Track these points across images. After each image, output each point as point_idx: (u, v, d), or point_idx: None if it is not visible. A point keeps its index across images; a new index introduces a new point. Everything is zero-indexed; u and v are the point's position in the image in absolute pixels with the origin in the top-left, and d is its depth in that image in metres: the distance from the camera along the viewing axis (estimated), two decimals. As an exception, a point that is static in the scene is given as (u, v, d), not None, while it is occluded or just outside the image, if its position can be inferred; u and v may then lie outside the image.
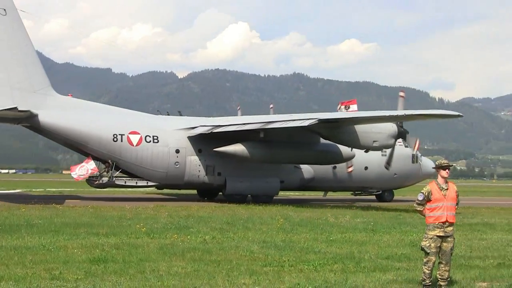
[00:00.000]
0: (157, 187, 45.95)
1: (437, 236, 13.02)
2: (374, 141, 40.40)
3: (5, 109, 37.28)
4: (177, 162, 42.39)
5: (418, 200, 13.24)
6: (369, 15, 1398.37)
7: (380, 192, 49.10)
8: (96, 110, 44.36)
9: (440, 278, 13.14)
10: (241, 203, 40.35)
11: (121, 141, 41.57)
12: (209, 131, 41.71)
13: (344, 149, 42.59)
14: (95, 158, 41.57)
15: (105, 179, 41.70)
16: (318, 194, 50.44)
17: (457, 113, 37.89)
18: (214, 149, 41.22)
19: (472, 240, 21.95)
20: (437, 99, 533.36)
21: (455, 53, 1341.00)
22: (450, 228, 13.12)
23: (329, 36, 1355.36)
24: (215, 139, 41.59)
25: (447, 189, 13.20)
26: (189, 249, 18.18)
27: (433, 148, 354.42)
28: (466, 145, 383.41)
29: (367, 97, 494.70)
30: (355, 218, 29.44)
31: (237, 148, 40.74)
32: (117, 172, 42.24)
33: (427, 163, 49.68)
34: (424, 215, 13.24)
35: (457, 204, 13.35)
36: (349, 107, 45.36)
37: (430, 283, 13.04)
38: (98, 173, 41.42)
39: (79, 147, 42.00)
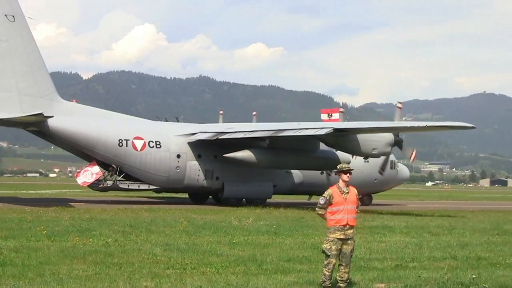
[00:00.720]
0: (156, 191, 46.79)
1: (338, 238, 13.29)
2: (373, 149, 42.98)
3: (31, 115, 38.66)
4: (178, 166, 44.21)
5: (320, 203, 13.46)
6: (275, 19, 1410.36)
7: (360, 196, 47.94)
8: (101, 116, 45.77)
9: (339, 280, 13.43)
10: (237, 206, 42.20)
11: (126, 146, 43.30)
12: (215, 137, 43.73)
13: (342, 156, 44.70)
14: (99, 163, 42.83)
15: (109, 183, 43.08)
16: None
17: (471, 125, 39.88)
18: (224, 155, 43.12)
19: (372, 242, 22.49)
20: (341, 104, 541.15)
21: (359, 59, 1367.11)
22: (350, 231, 13.43)
23: (235, 39, 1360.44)
24: (215, 145, 44.04)
25: (348, 192, 13.53)
26: (91, 252, 17.99)
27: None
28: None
29: (272, 100, 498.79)
30: (258, 221, 29.65)
31: (246, 154, 42.65)
32: (120, 177, 43.42)
33: (403, 169, 52.43)
34: (326, 219, 13.50)
35: (357, 207, 13.67)
36: (331, 115, 49.28)
37: (330, 285, 13.32)
38: (102, 177, 42.56)
39: (86, 152, 43.39)
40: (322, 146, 44.50)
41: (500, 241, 24.33)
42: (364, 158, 46.86)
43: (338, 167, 13.75)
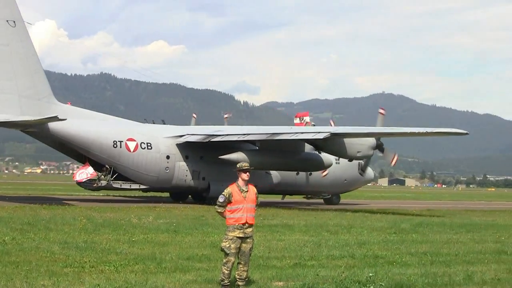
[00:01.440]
0: (144, 190, 48.44)
1: (237, 237, 13.31)
2: (358, 152, 46.16)
3: (47, 118, 40.21)
4: (167, 167, 46.21)
5: (219, 202, 13.44)
6: (176, 17, 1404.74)
7: (329, 196, 54.33)
8: (95, 118, 47.58)
9: (238, 278, 13.44)
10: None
11: (120, 147, 45.10)
12: (207, 140, 45.80)
13: (325, 157, 47.96)
14: (92, 163, 44.40)
15: (103, 183, 44.74)
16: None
17: (464, 132, 42.83)
18: (219, 157, 44.59)
19: (271, 241, 22.63)
20: (242, 103, 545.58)
21: (260, 58, 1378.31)
22: (249, 230, 13.46)
23: (137, 37, 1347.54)
24: (202, 147, 46.54)
25: (247, 191, 13.54)
26: (-14, 250, 17.47)
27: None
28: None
29: (174, 98, 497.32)
30: (158, 219, 29.45)
31: (239, 156, 44.22)
32: (112, 177, 44.96)
33: (368, 171, 54.98)
34: (225, 217, 13.49)
35: (256, 205, 13.71)
36: (303, 118, 53.69)
37: (229, 283, 13.31)
38: (96, 177, 44.07)
39: (82, 152, 45.01)
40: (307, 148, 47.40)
41: (397, 239, 24.84)
42: (349, 160, 48.99)
43: (237, 166, 13.74)
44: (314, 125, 52.55)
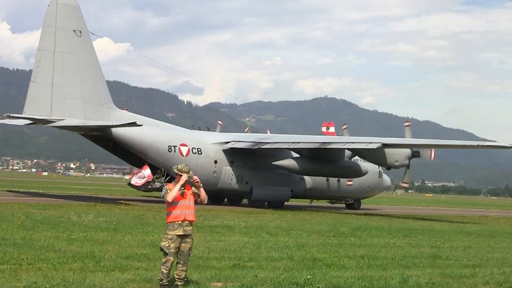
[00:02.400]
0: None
1: (177, 235, 13.34)
2: (396, 161, 50.95)
3: (126, 123, 43.53)
4: (215, 171, 49.73)
5: (162, 195, 13.52)
6: (122, 15, 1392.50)
7: (352, 201, 57.71)
8: (150, 124, 50.31)
9: (177, 278, 13.48)
10: (261, 208, 48.06)
11: (174, 151, 48.43)
12: (256, 147, 49.42)
13: (363, 165, 52.04)
14: (150, 166, 47.08)
15: (158, 184, 47.24)
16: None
17: (510, 145, 45.80)
18: (273, 163, 49.21)
19: (211, 241, 22.66)
20: (185, 103, 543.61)
21: (204, 58, 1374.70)
22: (189, 228, 13.51)
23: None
24: (245, 153, 50.19)
25: (185, 189, 13.61)
26: None
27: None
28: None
29: (117, 96, 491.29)
30: (98, 217, 29.22)
31: (290, 162, 49.19)
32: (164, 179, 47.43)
33: (386, 178, 59.49)
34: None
35: (195, 201, 13.76)
36: (328, 128, 59.11)
37: (168, 283, 13.34)
38: (152, 179, 46.95)
39: (140, 156, 48.33)
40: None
41: (335, 242, 25.13)
42: (386, 169, 54.22)
43: (179, 168, 13.74)
44: (340, 134, 57.77)
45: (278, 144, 50.15)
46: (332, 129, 59.32)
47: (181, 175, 13.57)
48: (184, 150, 48.83)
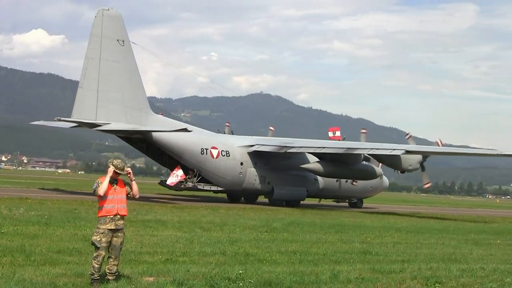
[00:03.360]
0: (215, 192, 55.79)
1: (108, 229, 13.29)
2: (409, 165, 55.62)
3: (178, 129, 48.47)
4: (241, 172, 54.00)
5: (93, 189, 13.40)
6: (57, 7, 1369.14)
7: (356, 200, 62.79)
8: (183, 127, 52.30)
9: (108, 273, 13.42)
10: (281, 206, 52.49)
11: (206, 154, 52.46)
12: (283, 150, 53.51)
13: (377, 168, 57.74)
14: (183, 167, 50.65)
15: (190, 184, 52.03)
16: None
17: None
18: (301, 166, 54.25)
19: (144, 236, 22.59)
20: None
21: (139, 52, 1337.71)
22: (121, 222, 13.47)
23: (15, 24, 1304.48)
24: (267, 156, 54.51)
25: (117, 182, 13.56)
26: None
27: (114, 145, 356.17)
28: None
29: (52, 89, 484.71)
30: (29, 211, 28.78)
31: (316, 166, 54.15)
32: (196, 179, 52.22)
33: (385, 179, 64.07)
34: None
35: (127, 196, 13.70)
36: (335, 132, 62.98)
37: (99, 277, 13.28)
38: (184, 179, 51.09)
39: (175, 158, 51.75)
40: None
41: (268, 238, 25.31)
42: (400, 172, 57.81)
43: (114, 163, 13.64)
44: (344, 138, 62.73)
45: (303, 149, 54.56)
46: (338, 134, 63.20)
47: (117, 173, 13.49)
48: (215, 152, 52.93)
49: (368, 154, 55.36)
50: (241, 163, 54.10)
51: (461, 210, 74.61)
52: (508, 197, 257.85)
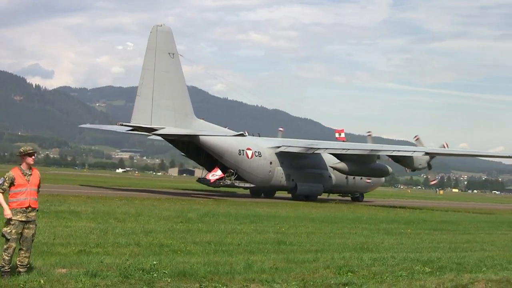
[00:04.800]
0: (246, 188, 62.52)
1: (19, 221, 13.06)
2: (419, 164, 63.21)
3: (237, 134, 56.28)
4: (270, 170, 61.25)
5: (0, 183, 13.11)
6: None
7: (358, 194, 70.24)
8: (222, 131, 61.68)
9: (19, 265, 13.20)
10: (302, 200, 59.76)
11: (243, 155, 59.55)
12: (310, 151, 61.80)
13: (389, 167, 66.89)
14: (221, 167, 58.20)
15: (228, 182, 59.34)
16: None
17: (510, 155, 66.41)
18: (330, 166, 63.38)
19: (57, 227, 22.25)
20: (34, 86, 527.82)
21: (54, 41, 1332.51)
22: (33, 213, 13.28)
23: None
24: (291, 156, 62.02)
25: (31, 174, 13.35)
26: None
27: (27, 135, 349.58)
28: (61, 134, 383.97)
29: None
30: None
31: (342, 165, 62.36)
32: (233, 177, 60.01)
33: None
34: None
35: (38, 190, 13.50)
36: (340, 134, 72.55)
37: (9, 270, 13.04)
38: (223, 177, 58.39)
39: (217, 158, 58.75)
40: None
41: (183, 228, 25.29)
42: (412, 170, 66.99)
43: (21, 150, 13.42)
44: (347, 140, 73.57)
45: (329, 150, 62.94)
46: (343, 135, 72.52)
47: (29, 157, 13.29)
48: (249, 153, 59.91)
49: (390, 155, 63.77)
50: (270, 163, 61.23)
51: (375, 200, 76.00)
52: (419, 187, 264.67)
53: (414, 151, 60.94)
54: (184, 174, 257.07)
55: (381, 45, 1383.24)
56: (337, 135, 72.40)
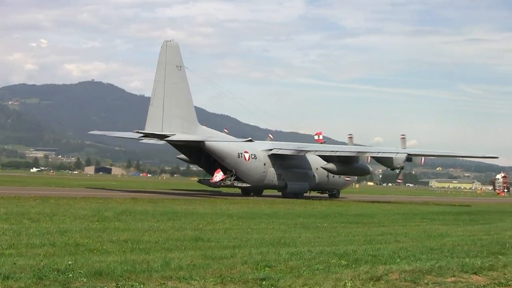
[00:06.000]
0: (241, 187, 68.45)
1: None
2: (398, 164, 69.90)
3: (247, 140, 64.43)
4: (264, 171, 67.96)
5: None
6: None
7: (335, 191, 77.77)
8: (222, 136, 68.68)
9: None
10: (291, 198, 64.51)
11: (241, 157, 65.97)
12: (302, 153, 69.09)
13: (370, 166, 75.30)
14: (222, 169, 64.41)
15: (228, 182, 65.49)
16: None
17: (496, 156, 73.63)
18: (321, 166, 70.77)
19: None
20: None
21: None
22: None
23: None
24: (281, 158, 68.87)
25: None
26: None
27: None
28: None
29: None
30: None
31: (331, 166, 69.74)
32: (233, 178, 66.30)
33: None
34: None
35: None
36: (319, 136, 79.40)
37: None
38: (224, 178, 64.47)
39: (219, 161, 64.98)
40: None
41: (99, 227, 24.97)
42: (391, 170, 74.08)
43: None
44: (325, 142, 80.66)
45: (319, 152, 69.50)
46: (321, 137, 79.29)
47: None
48: (247, 156, 66.39)
49: (374, 157, 69.87)
50: (264, 164, 67.79)
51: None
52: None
53: (397, 153, 68.56)
54: (101, 172, 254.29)
55: (297, 41, 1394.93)
56: (316, 137, 79.46)
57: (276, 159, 68.52)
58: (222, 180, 64.30)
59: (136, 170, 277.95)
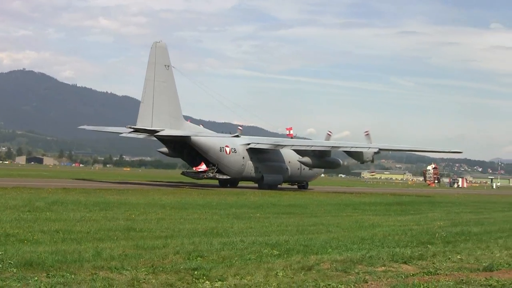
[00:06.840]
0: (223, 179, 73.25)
1: None
2: (367, 158, 76.02)
3: (234, 135, 72.39)
4: (243, 164, 72.77)
5: None
6: None
7: (304, 183, 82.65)
8: (205, 131, 75.07)
9: None
10: (267, 189, 69.63)
11: (223, 151, 70.41)
12: (279, 148, 74.77)
13: (340, 160, 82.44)
14: (205, 162, 68.88)
15: (211, 174, 70.27)
16: None
17: (460, 151, 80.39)
18: (298, 160, 76.45)
19: None
20: None
21: None
22: None
23: None
24: (259, 152, 73.96)
25: None
26: None
27: None
28: None
29: None
30: None
31: (307, 159, 75.74)
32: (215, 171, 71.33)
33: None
34: None
35: None
36: (290, 132, 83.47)
37: None
38: (207, 171, 69.26)
39: (203, 155, 69.21)
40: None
41: (30, 217, 24.66)
42: (360, 163, 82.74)
43: None
44: (296, 136, 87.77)
45: (295, 146, 74.83)
46: (292, 132, 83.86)
47: None
48: (228, 150, 70.82)
49: (347, 151, 75.46)
50: (243, 157, 72.37)
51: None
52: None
53: (369, 147, 73.40)
54: (32, 162, 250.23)
55: (231, 32, 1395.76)
56: (287, 132, 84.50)
57: (253, 153, 73.39)
58: (205, 171, 68.86)
59: (68, 160, 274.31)
